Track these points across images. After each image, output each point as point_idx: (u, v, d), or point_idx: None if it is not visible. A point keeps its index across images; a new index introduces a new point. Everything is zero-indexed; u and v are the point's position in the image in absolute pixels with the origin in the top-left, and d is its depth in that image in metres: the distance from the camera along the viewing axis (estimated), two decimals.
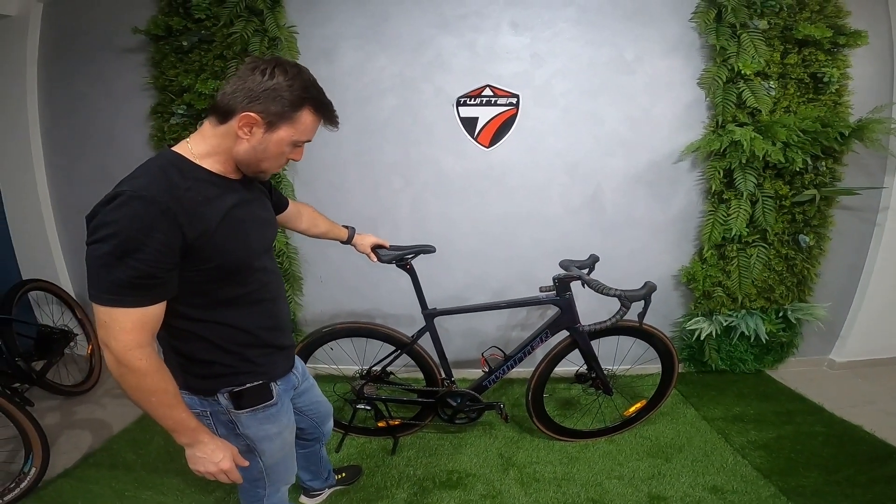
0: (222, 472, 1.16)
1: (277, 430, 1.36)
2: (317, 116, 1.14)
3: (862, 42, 2.63)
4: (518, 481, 2.26)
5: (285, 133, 1.11)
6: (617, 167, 2.89)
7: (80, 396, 3.01)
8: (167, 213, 0.98)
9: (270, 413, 1.31)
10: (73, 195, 3.22)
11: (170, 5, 2.71)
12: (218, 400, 1.23)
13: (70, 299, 3.24)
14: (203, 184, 1.09)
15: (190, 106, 2.75)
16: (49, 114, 3.11)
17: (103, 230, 0.96)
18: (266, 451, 1.35)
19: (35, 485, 2.12)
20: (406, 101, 2.81)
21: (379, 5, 2.70)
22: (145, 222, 0.96)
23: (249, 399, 1.25)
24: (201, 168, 1.11)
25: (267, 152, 1.13)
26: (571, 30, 2.71)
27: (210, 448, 1.14)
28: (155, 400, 1.05)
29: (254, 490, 1.45)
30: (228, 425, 1.27)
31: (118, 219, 0.95)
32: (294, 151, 1.18)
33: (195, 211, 1.04)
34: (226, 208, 1.12)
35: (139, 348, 1.00)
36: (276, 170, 1.22)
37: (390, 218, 2.98)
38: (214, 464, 1.14)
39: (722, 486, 2.19)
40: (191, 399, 1.21)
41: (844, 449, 2.41)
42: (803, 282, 3.00)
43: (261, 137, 1.10)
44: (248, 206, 1.21)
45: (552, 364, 2.36)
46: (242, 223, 1.17)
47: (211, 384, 1.22)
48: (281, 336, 1.36)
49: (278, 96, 1.06)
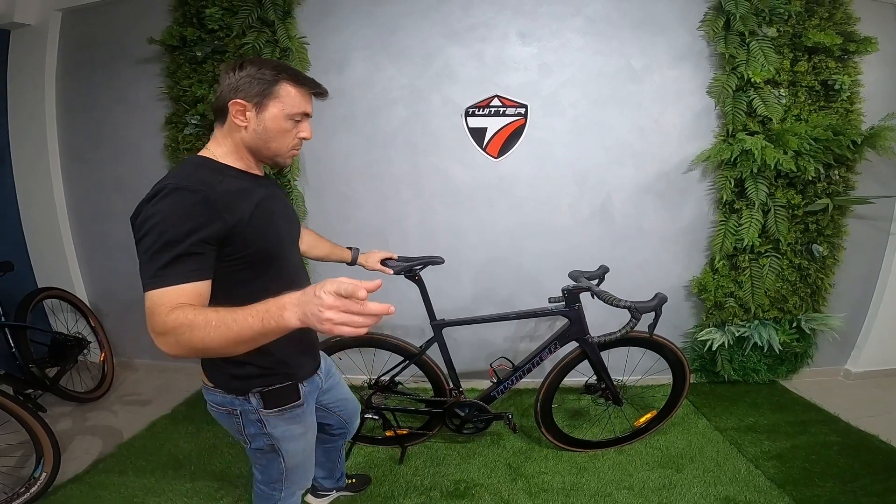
0: (334, 310, 0.80)
1: (302, 431, 1.40)
2: (298, 87, 1.20)
3: (872, 48, 2.62)
4: (526, 492, 2.23)
5: (275, 108, 1.18)
6: (626, 177, 2.88)
7: (92, 403, 3.04)
8: (207, 201, 1.05)
9: (296, 413, 1.36)
10: (88, 204, 3.28)
11: (184, 16, 2.77)
12: (249, 399, 1.28)
13: (84, 307, 3.28)
14: (233, 178, 1.18)
15: (203, 116, 2.80)
16: (66, 122, 3.17)
17: (148, 223, 1.01)
18: (289, 452, 1.39)
19: (45, 490, 2.13)
20: (415, 112, 2.83)
21: (388, 17, 2.74)
22: (188, 209, 1.03)
23: (278, 399, 1.30)
24: (228, 166, 1.20)
25: (268, 132, 1.19)
26: (579, 40, 2.73)
27: (295, 302, 0.86)
28: (222, 327, 0.90)
29: (269, 493, 1.48)
30: (257, 424, 1.31)
31: (162, 209, 1.02)
32: (298, 127, 1.24)
33: (231, 201, 1.11)
34: (257, 199, 1.19)
35: (174, 311, 0.94)
36: (288, 150, 1.26)
37: (399, 229, 2.99)
38: (318, 309, 0.81)
39: (735, 497, 2.15)
40: (223, 398, 1.29)
41: (860, 458, 2.37)
42: (817, 292, 2.95)
43: (256, 119, 1.18)
44: (275, 199, 1.30)
45: (561, 375, 2.34)
46: (273, 214, 1.25)
47: (244, 384, 1.27)
48: (309, 333, 1.41)
49: (254, 79, 1.15)
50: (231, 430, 1.38)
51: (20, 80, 3.15)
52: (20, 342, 2.70)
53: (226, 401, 1.29)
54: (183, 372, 3.38)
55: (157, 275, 0.98)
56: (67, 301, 3.22)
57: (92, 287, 3.44)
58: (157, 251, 0.99)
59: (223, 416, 1.34)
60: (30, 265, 3.41)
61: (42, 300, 3.04)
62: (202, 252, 1.03)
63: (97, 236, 3.33)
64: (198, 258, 1.02)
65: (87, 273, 3.42)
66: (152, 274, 0.98)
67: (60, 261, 3.35)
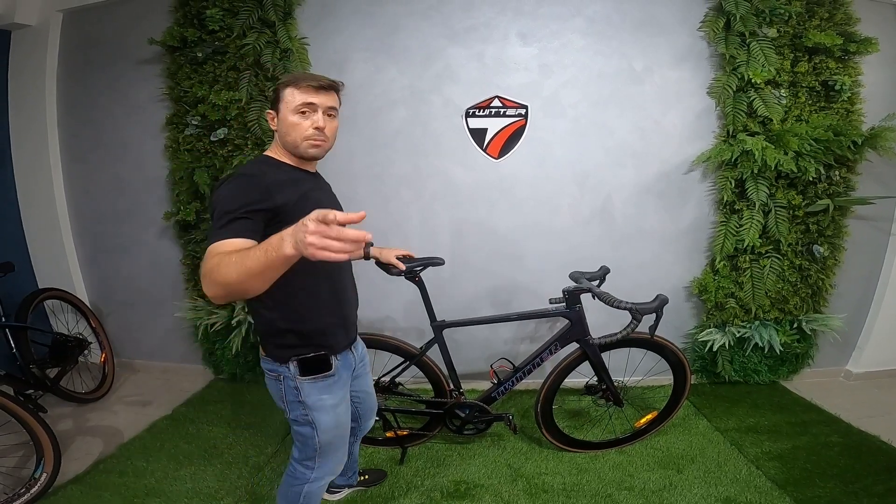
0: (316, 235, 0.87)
1: (333, 403, 1.55)
2: (297, 87, 1.41)
3: (873, 49, 2.62)
4: (527, 492, 2.23)
5: (284, 109, 1.42)
6: (627, 178, 2.88)
7: (93, 404, 3.04)
8: (260, 184, 1.31)
9: (328, 383, 1.53)
10: (89, 204, 3.28)
11: (185, 17, 2.77)
12: (288, 367, 1.48)
13: (85, 308, 3.28)
14: (285, 171, 1.44)
15: (204, 117, 2.80)
16: (67, 123, 3.17)
17: (217, 200, 1.26)
18: (321, 424, 1.54)
19: (45, 490, 2.13)
20: (415, 113, 2.83)
21: (388, 17, 2.74)
22: (247, 187, 1.29)
23: (311, 368, 1.49)
24: (283, 162, 1.47)
25: (285, 128, 1.43)
26: (580, 40, 2.73)
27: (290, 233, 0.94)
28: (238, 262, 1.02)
29: (302, 471, 1.63)
30: (294, 392, 1.50)
31: (226, 189, 1.29)
32: (308, 118, 1.42)
33: (282, 186, 1.35)
34: (304, 189, 1.43)
35: (214, 258, 1.10)
36: (303, 139, 1.43)
37: (400, 230, 2.98)
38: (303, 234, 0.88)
39: (735, 498, 2.15)
40: (272, 364, 1.51)
41: (861, 459, 2.37)
42: (818, 293, 2.95)
43: (278, 121, 1.45)
44: (321, 190, 1.57)
45: (562, 376, 2.34)
46: (318, 202, 1.44)
47: (285, 353, 1.48)
48: (348, 311, 1.65)
49: (273, 92, 1.47)
50: (276, 398, 1.56)
51: (21, 80, 3.15)
52: (21, 343, 2.70)
53: (273, 367, 1.50)
54: (183, 373, 3.39)
55: (214, 234, 1.19)
56: (68, 302, 3.21)
57: (92, 288, 3.44)
58: (218, 218, 1.21)
59: (272, 381, 1.54)
60: (30, 266, 3.41)
61: (43, 301, 3.04)
62: (251, 218, 1.22)
63: (98, 237, 3.33)
64: (246, 222, 1.21)
65: (88, 274, 3.42)
66: (211, 235, 1.19)
67: (61, 261, 3.35)
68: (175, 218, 3.00)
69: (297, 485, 1.64)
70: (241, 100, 2.73)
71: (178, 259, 3.17)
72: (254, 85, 2.75)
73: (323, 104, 1.43)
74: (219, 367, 3.29)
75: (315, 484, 1.64)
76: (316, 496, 1.69)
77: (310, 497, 1.66)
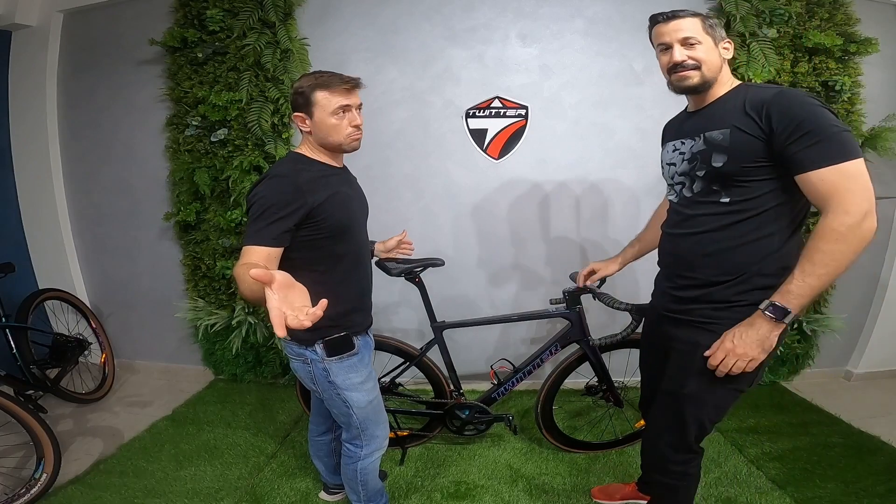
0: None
1: (360, 380, 1.63)
2: (329, 90, 1.47)
3: (873, 49, 2.62)
4: (527, 493, 2.23)
5: (320, 112, 1.48)
6: (627, 179, 2.88)
7: (93, 404, 3.04)
8: (296, 186, 1.39)
9: (353, 362, 1.61)
10: (90, 205, 3.28)
11: (185, 17, 2.77)
12: (315, 350, 1.55)
13: (85, 308, 3.29)
14: (317, 169, 1.52)
15: (204, 118, 2.80)
16: (67, 123, 3.18)
17: (254, 200, 1.38)
18: (354, 402, 1.63)
19: (45, 491, 2.13)
20: (416, 114, 2.83)
21: (389, 18, 2.74)
22: (281, 191, 1.38)
23: (336, 348, 1.56)
24: (314, 160, 1.55)
25: (324, 128, 1.49)
26: (580, 41, 2.73)
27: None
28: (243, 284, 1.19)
29: (353, 450, 1.75)
30: (323, 373, 1.58)
31: (262, 190, 1.40)
32: (348, 117, 1.52)
33: (314, 185, 1.44)
34: (335, 186, 1.52)
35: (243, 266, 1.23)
36: (346, 137, 1.55)
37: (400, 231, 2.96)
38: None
39: (736, 498, 2.15)
40: (297, 348, 1.57)
41: (862, 459, 2.36)
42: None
43: (312, 124, 1.50)
44: (350, 186, 1.67)
45: (562, 376, 2.34)
46: (349, 197, 1.60)
47: (311, 336, 1.52)
48: (367, 297, 1.74)
49: (299, 95, 1.49)
50: (305, 380, 1.65)
51: (21, 81, 3.15)
52: (21, 343, 2.70)
53: (300, 350, 1.57)
54: (183, 373, 3.39)
55: (249, 234, 1.34)
56: (68, 302, 3.22)
57: (93, 288, 3.44)
58: (254, 219, 1.35)
59: (299, 364, 1.61)
60: (31, 266, 3.41)
61: (43, 301, 3.04)
62: (280, 221, 1.34)
63: (98, 237, 3.34)
64: (274, 227, 1.34)
65: (88, 274, 3.42)
66: (247, 234, 1.36)
67: (61, 262, 3.35)
68: (175, 218, 3.00)
69: (351, 463, 1.76)
70: (242, 100, 2.72)
71: (179, 260, 3.17)
72: (254, 86, 2.74)
73: (355, 103, 1.54)
74: (219, 368, 3.29)
75: (367, 460, 1.76)
76: (371, 472, 1.81)
77: (366, 473, 1.79)
